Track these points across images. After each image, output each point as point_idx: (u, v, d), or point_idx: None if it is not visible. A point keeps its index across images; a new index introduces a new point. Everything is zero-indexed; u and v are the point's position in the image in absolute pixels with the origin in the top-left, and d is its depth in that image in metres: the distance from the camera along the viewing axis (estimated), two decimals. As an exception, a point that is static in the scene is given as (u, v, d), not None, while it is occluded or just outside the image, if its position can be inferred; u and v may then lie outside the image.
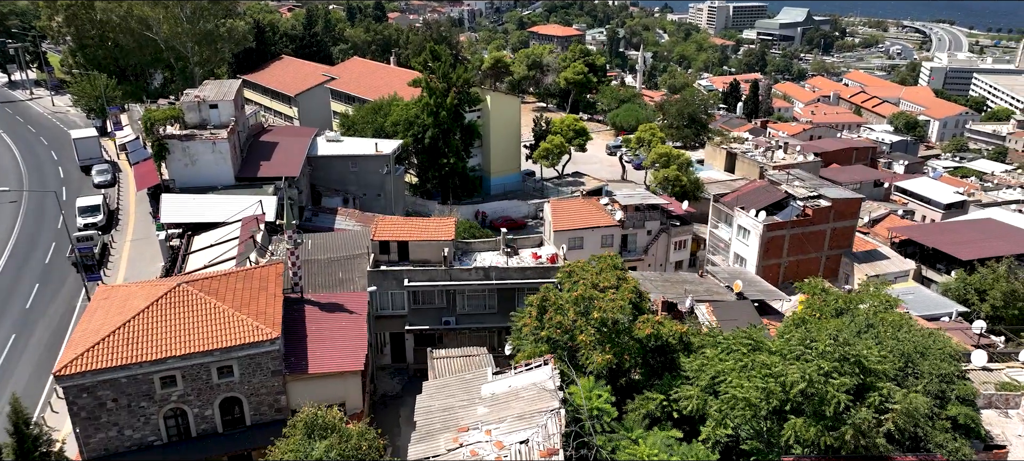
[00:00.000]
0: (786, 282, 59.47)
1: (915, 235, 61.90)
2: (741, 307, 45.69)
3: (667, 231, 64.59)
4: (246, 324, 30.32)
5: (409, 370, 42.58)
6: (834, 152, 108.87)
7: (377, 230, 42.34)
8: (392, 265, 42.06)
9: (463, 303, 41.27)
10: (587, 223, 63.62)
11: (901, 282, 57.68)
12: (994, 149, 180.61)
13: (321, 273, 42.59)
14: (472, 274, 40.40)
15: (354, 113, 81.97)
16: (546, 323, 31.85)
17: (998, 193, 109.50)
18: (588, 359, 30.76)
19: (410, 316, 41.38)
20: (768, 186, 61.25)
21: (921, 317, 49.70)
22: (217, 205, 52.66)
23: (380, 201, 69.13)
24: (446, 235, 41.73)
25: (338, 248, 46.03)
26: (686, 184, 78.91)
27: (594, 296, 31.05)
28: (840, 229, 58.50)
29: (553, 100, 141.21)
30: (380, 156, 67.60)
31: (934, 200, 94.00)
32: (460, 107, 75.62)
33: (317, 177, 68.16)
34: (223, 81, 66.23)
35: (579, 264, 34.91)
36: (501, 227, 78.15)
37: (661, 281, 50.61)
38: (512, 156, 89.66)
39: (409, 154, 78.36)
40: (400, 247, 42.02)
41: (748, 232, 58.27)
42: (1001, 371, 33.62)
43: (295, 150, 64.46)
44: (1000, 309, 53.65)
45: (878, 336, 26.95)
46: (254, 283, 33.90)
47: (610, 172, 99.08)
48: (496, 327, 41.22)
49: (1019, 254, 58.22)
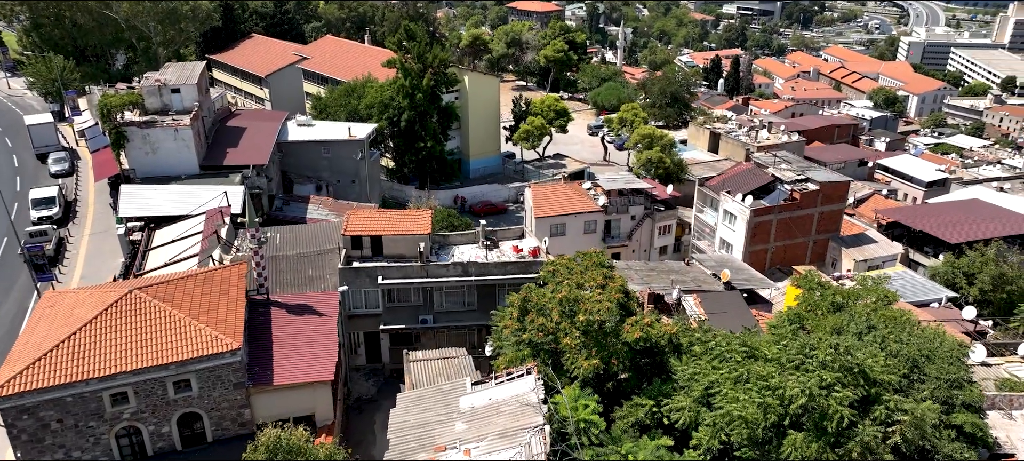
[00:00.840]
0: (773, 267, 58.22)
1: (902, 218, 60.86)
2: (729, 298, 44.22)
3: (651, 216, 62.94)
4: (204, 334, 28.01)
5: (385, 371, 40.57)
6: (816, 130, 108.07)
7: (349, 224, 40.02)
8: (365, 260, 39.83)
9: (441, 300, 39.24)
10: (569, 209, 61.68)
11: (889, 266, 56.61)
12: (971, 124, 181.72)
13: (290, 270, 40.25)
14: (450, 270, 38.32)
15: (327, 95, 78.87)
16: (528, 325, 29.93)
17: (978, 170, 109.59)
18: (573, 363, 28.94)
19: (385, 315, 39.27)
20: (754, 169, 59.70)
21: (911, 303, 48.76)
22: (180, 197, 49.86)
23: (355, 188, 66.57)
24: (422, 229, 39.53)
25: (308, 242, 43.65)
26: (670, 166, 77.15)
27: (579, 297, 29.16)
28: (828, 213, 57.20)
29: (533, 79, 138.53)
30: (354, 141, 64.90)
31: (916, 178, 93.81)
32: (437, 88, 72.95)
33: (288, 163, 65.35)
34: (186, 63, 62.91)
35: (563, 261, 32.97)
36: (481, 212, 76.15)
37: (646, 270, 48.94)
38: (491, 138, 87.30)
39: (385, 138, 75.66)
40: (373, 242, 39.76)
41: (735, 217, 56.74)
42: (1000, 366, 32.44)
43: (264, 136, 61.54)
44: (988, 293, 52.83)
45: (881, 338, 25.42)
46: (214, 286, 31.51)
47: (592, 153, 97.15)
48: (476, 325, 39.29)
49: (1007, 236, 57.44)
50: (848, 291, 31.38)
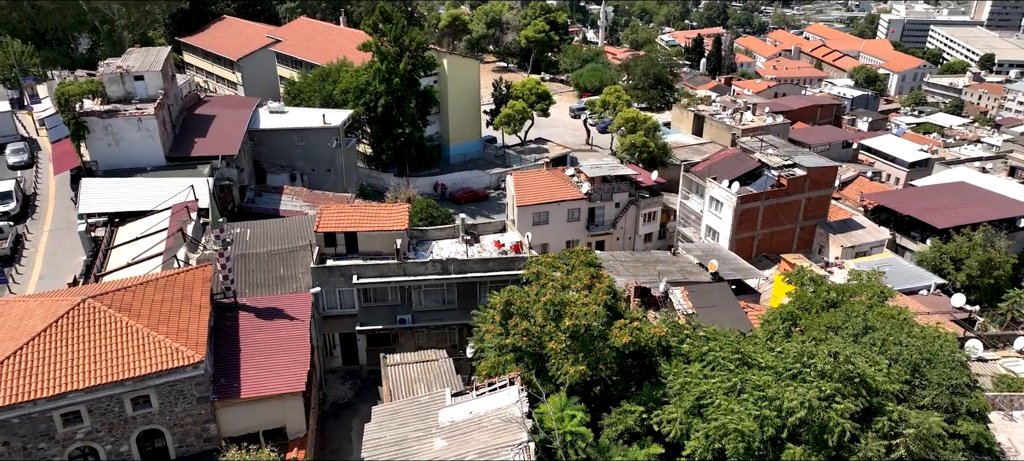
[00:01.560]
0: (760, 255, 57.19)
1: (888, 202, 60.05)
2: (718, 290, 43.02)
3: (636, 203, 61.53)
4: (164, 347, 26.13)
5: (363, 373, 38.92)
6: (799, 110, 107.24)
7: (322, 220, 38.09)
8: (339, 258, 37.99)
9: (420, 299, 37.56)
10: (552, 197, 60.07)
11: (876, 252, 55.87)
12: (951, 102, 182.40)
13: (260, 269, 38.29)
14: (428, 268, 36.61)
15: (301, 80, 76.18)
16: (511, 329, 28.43)
17: (959, 150, 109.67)
18: (559, 370, 27.53)
19: (361, 315, 37.53)
20: (741, 154, 58.42)
21: (900, 291, 47.98)
22: (144, 190, 47.49)
23: (331, 177, 64.40)
24: (399, 224, 37.72)
25: (280, 238, 41.64)
26: (654, 150, 75.70)
27: (565, 300, 27.65)
28: (815, 199, 56.15)
29: (514, 60, 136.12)
30: (328, 129, 62.61)
31: (899, 159, 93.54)
32: (414, 72, 70.64)
33: (260, 152, 62.95)
34: (150, 48, 60.06)
35: (547, 259, 31.41)
36: (462, 199, 74.32)
37: (632, 262, 47.60)
38: (472, 122, 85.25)
39: (361, 124, 73.31)
40: (348, 239, 37.90)
41: (721, 204, 55.50)
42: (997, 361, 31.56)
43: (234, 124, 59.06)
44: (976, 278, 52.30)
45: (880, 342, 24.23)
46: (176, 292, 29.57)
47: (574, 136, 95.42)
48: (457, 324, 37.70)
49: (994, 220, 56.90)
50: (842, 287, 30.16)
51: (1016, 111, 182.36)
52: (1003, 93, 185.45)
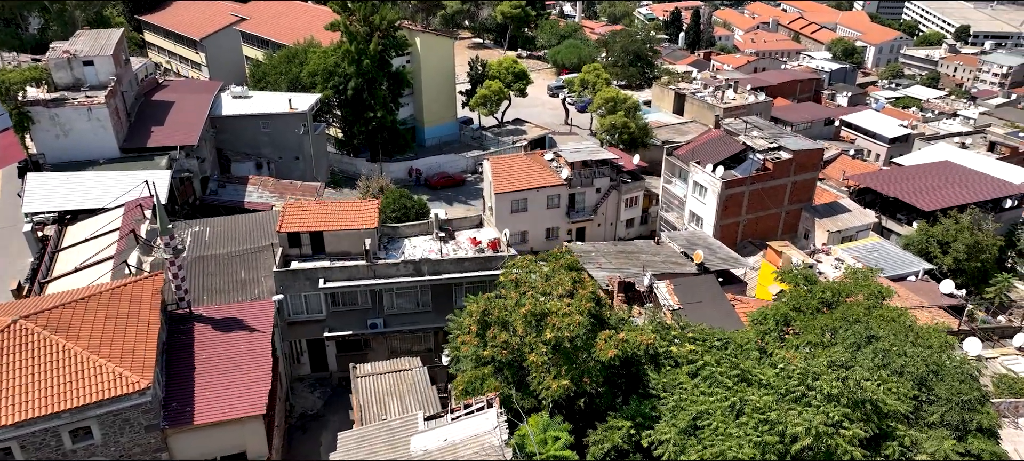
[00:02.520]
0: (745, 240, 55.71)
1: (873, 183, 58.79)
2: (704, 283, 41.32)
3: (617, 188, 59.57)
4: (106, 372, 23.70)
5: (333, 380, 36.73)
6: (779, 85, 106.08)
7: (285, 220, 35.54)
8: (305, 259, 35.55)
9: (392, 302, 35.34)
10: (531, 183, 57.87)
11: (862, 236, 54.65)
12: (927, 74, 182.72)
13: (220, 272, 35.72)
14: (400, 269, 34.33)
15: (266, 62, 72.65)
16: (489, 341, 26.38)
17: (939, 125, 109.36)
18: (541, 384, 25.61)
19: (330, 320, 35.24)
20: (725, 137, 56.60)
21: (888, 278, 46.81)
22: (96, 186, 44.44)
23: (299, 165, 61.58)
24: (368, 222, 35.32)
25: (242, 237, 39.02)
26: (634, 131, 73.73)
27: (546, 310, 25.64)
28: (801, 182, 54.63)
29: (490, 36, 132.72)
30: (295, 114, 59.60)
31: (879, 134, 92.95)
32: (385, 53, 67.51)
33: (223, 140, 59.86)
34: (101, 31, 56.32)
35: (525, 262, 29.30)
36: (438, 184, 71.81)
37: (615, 253, 45.75)
38: (447, 103, 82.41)
39: (331, 107, 70.21)
40: (313, 238, 35.44)
41: (705, 190, 53.75)
42: (995, 359, 30.30)
43: (194, 111, 55.83)
44: (962, 262, 51.34)
45: (884, 353, 22.62)
46: (122, 306, 27.03)
47: (553, 115, 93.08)
48: (432, 328, 35.58)
49: (980, 202, 55.92)
50: (839, 286, 28.53)
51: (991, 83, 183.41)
52: (978, 65, 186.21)
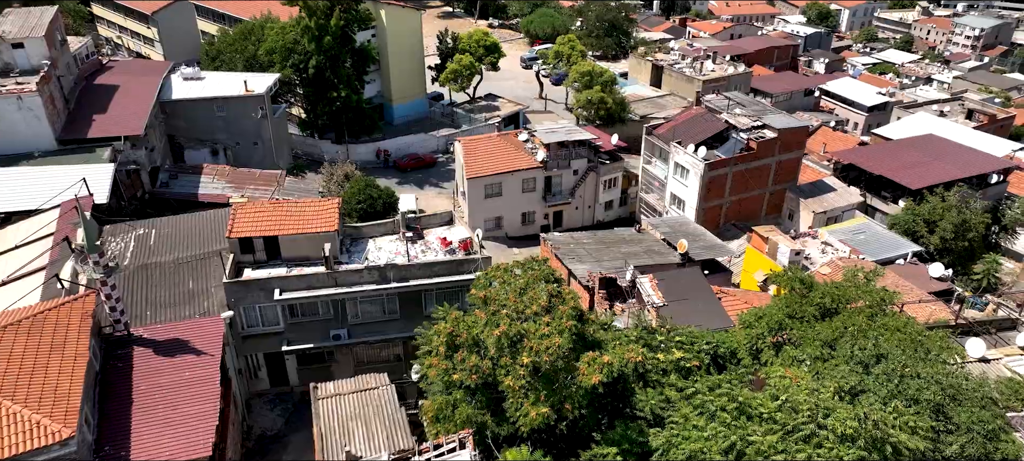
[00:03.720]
0: (728, 223, 53.73)
1: (858, 160, 56.96)
2: (689, 276, 39.23)
3: (595, 170, 57.06)
4: (21, 422, 20.72)
5: (294, 396, 34.02)
6: (756, 53, 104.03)
7: (235, 224, 32.38)
8: (259, 266, 32.55)
9: (356, 310, 32.56)
10: (505, 166, 55.09)
11: (848, 216, 52.98)
12: (901, 37, 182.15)
13: (164, 283, 32.57)
14: (364, 276, 31.50)
15: (219, 40, 68.16)
16: (459, 366, 23.86)
17: (916, 91, 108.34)
18: (518, 410, 23.22)
19: (288, 333, 32.40)
20: (706, 115, 54.14)
21: (877, 261, 45.21)
22: (28, 184, 40.68)
23: (258, 150, 57.97)
24: (327, 225, 32.34)
25: (191, 240, 35.79)
26: (612, 107, 71.02)
27: (522, 332, 23.13)
28: (786, 162, 52.56)
29: (459, 4, 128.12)
30: (252, 97, 55.78)
31: (858, 102, 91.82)
32: (348, 28, 63.51)
33: (175, 126, 55.98)
34: (33, 9, 51.61)
35: (498, 273, 26.66)
36: (407, 166, 68.53)
37: (595, 244, 43.39)
38: (416, 79, 78.75)
39: (292, 87, 66.25)
40: (268, 244, 32.41)
41: (687, 171, 51.42)
42: (999, 361, 28.64)
43: (140, 96, 51.80)
44: (950, 241, 49.93)
45: (898, 378, 20.58)
46: (45, 337, 23.92)
47: (526, 89, 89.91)
48: (400, 337, 32.92)
49: (966, 178, 54.47)
50: (838, 292, 26.44)
51: (963, 46, 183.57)
52: (951, 27, 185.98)
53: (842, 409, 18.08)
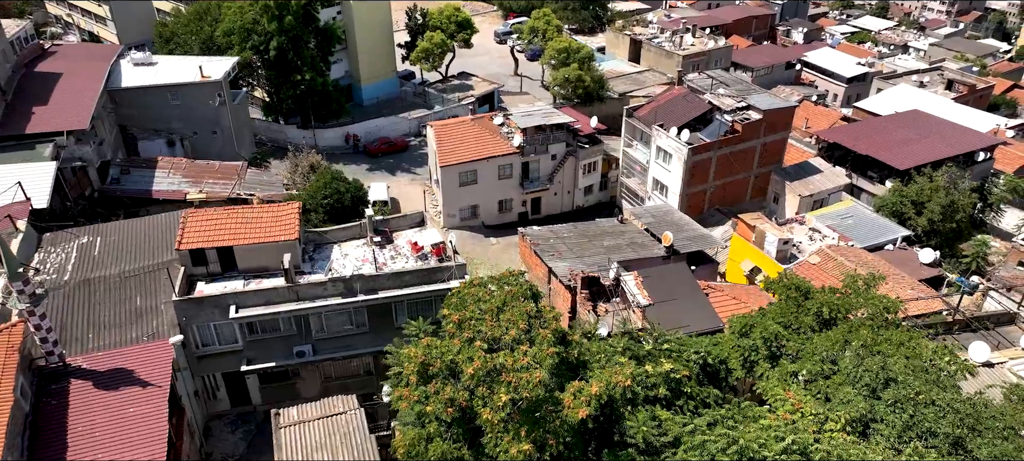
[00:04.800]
0: (713, 208, 51.93)
1: (843, 139, 55.26)
2: (675, 272, 37.32)
3: (574, 154, 54.73)
4: (-69, 487, 18.22)
5: (257, 416, 31.67)
6: (734, 23, 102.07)
7: (184, 235, 29.61)
8: (212, 279, 29.92)
9: (322, 325, 30.15)
10: (480, 153, 52.54)
11: (835, 200, 51.47)
12: (877, 3, 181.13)
13: (109, 299, 29.80)
14: (329, 289, 29.04)
15: (173, 20, 64.07)
16: (432, 399, 21.70)
17: (895, 61, 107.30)
18: (497, 447, 21.19)
19: (248, 351, 29.93)
20: (689, 96, 51.92)
21: (865, 248, 43.81)
22: (-40, 188, 37.26)
23: (218, 140, 54.64)
24: (287, 232, 29.74)
25: (141, 248, 32.91)
26: (590, 85, 68.52)
27: (499, 365, 20.97)
28: (771, 143, 50.69)
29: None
30: (208, 83, 52.31)
31: (837, 74, 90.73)
32: (311, 6, 59.99)
33: (126, 116, 52.46)
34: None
35: (471, 290, 24.40)
36: (378, 151, 65.53)
37: (576, 238, 41.24)
38: (385, 57, 75.32)
39: (254, 70, 62.67)
40: (222, 255, 29.75)
41: (670, 156, 49.33)
42: (1003, 365, 27.22)
43: (86, 85, 48.14)
44: (937, 223, 48.68)
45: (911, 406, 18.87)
46: (-35, 379, 21.27)
47: (501, 65, 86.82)
48: (370, 351, 30.63)
49: (953, 156, 53.16)
50: (838, 302, 24.65)
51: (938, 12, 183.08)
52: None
53: (854, 447, 16.28)
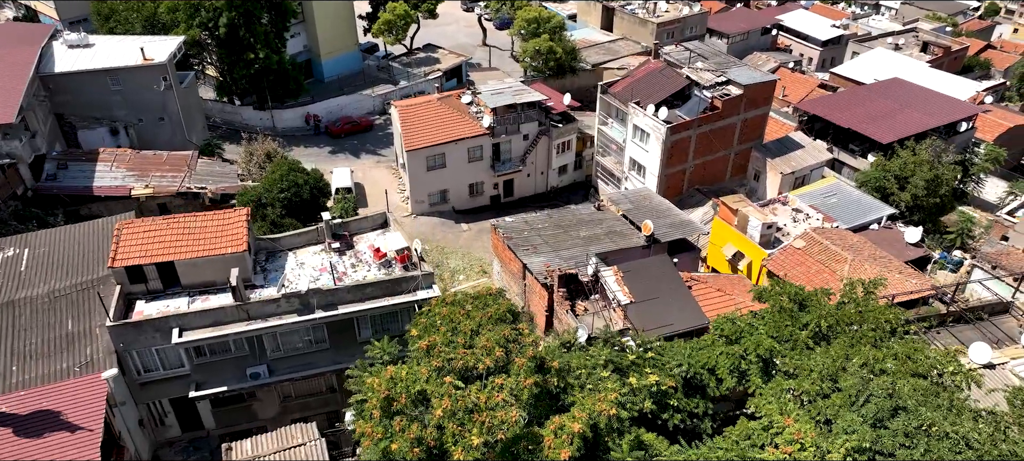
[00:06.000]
0: (692, 188, 49.97)
1: (824, 111, 53.34)
2: (657, 266, 35.25)
3: (547, 133, 52.17)
4: None
5: (212, 441, 29.18)
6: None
7: (120, 247, 26.61)
8: (152, 297, 27.06)
9: (277, 344, 27.58)
10: (448, 135, 49.74)
11: (817, 176, 49.83)
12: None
13: (37, 324, 26.80)
14: (282, 306, 26.40)
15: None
16: (397, 437, 19.48)
17: (869, 22, 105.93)
18: (471, 490, 19.15)
19: (196, 375, 27.28)
20: (666, 70, 49.44)
21: (850, 229, 42.28)
22: None
23: (165, 127, 50.88)
24: (234, 245, 26.91)
25: (73, 262, 29.81)
26: (561, 56, 65.64)
27: (470, 405, 18.75)
28: (752, 119, 48.64)
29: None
30: (151, 66, 48.38)
31: (812, 37, 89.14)
32: (263, -22, 55.94)
33: (62, 104, 48.41)
34: None
35: (442, 309, 22.07)
36: (340, 132, 62.17)
37: (552, 229, 38.92)
38: (346, 30, 71.51)
39: (204, 47, 58.58)
40: (163, 270, 26.87)
41: (647, 135, 47.03)
42: (1005, 366, 25.82)
43: (12, 73, 43.96)
44: (921, 198, 47.36)
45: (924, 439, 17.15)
46: None
47: (469, 35, 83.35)
48: (332, 368, 28.19)
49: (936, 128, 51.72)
50: (840, 314, 22.82)
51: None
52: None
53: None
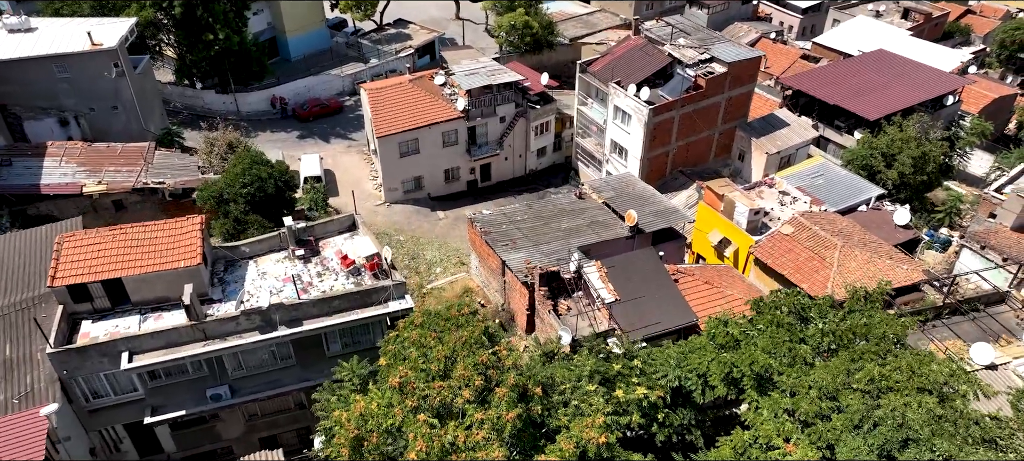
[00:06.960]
0: (676, 171, 48.37)
1: (809, 87, 51.75)
2: (643, 260, 33.69)
3: (525, 115, 50.08)
4: None
5: (172, 465, 27.34)
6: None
7: (60, 263, 24.31)
8: (99, 316, 24.89)
9: (239, 363, 25.61)
10: (421, 119, 47.47)
11: (804, 155, 48.47)
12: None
13: (-26, 350, 24.56)
14: (242, 324, 24.38)
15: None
16: (369, 478, 17.87)
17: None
18: (451, 533, 17.62)
19: (152, 398, 25.28)
20: (647, 47, 47.38)
21: (838, 211, 41.06)
22: None
23: (120, 116, 47.96)
24: (188, 258, 24.74)
25: (16, 275, 27.44)
26: (538, 32, 63.20)
27: (450, 442, 17.10)
28: (736, 98, 46.95)
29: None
30: (101, 51, 45.28)
31: (792, 4, 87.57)
32: (219, -47, 52.57)
33: (5, 94, 45.31)
34: None
35: (412, 333, 20.27)
36: (308, 115, 59.35)
37: (532, 222, 37.16)
38: (312, 4, 68.23)
39: (160, 27, 55.23)
40: (109, 287, 24.67)
41: (629, 117, 45.16)
42: (1007, 366, 24.76)
43: (-53, 63, 40.82)
44: (908, 176, 46.26)
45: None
46: None
47: (441, 8, 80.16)
48: (300, 386, 26.33)
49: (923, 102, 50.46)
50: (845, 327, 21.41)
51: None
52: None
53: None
